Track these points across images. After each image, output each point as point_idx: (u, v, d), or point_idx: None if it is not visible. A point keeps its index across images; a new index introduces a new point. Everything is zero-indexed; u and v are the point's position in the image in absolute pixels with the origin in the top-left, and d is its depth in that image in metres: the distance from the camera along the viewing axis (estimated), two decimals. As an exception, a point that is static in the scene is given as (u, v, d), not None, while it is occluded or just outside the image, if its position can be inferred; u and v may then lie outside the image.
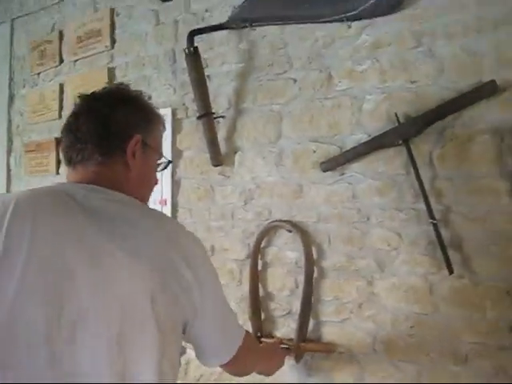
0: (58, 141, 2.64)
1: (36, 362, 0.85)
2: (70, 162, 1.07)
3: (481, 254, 1.37)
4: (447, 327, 1.42)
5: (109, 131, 1.04)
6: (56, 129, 2.67)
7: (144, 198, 1.14)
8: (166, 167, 1.22)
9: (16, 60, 3.02)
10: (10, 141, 3.01)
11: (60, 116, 2.66)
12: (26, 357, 0.85)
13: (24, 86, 2.94)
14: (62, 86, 2.66)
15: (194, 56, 1.83)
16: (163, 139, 1.21)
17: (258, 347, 1.44)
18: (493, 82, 1.34)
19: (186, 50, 1.84)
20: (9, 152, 3.02)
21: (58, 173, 2.66)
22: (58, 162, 2.65)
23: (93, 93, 1.12)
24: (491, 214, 1.35)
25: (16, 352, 0.86)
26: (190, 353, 1.93)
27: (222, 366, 1.17)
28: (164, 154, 1.19)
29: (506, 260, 1.33)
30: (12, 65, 3.04)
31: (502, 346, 1.33)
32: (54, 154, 2.65)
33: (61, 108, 2.66)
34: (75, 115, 1.08)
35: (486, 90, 1.35)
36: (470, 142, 1.39)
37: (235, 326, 1.16)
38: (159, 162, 1.18)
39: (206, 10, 2.00)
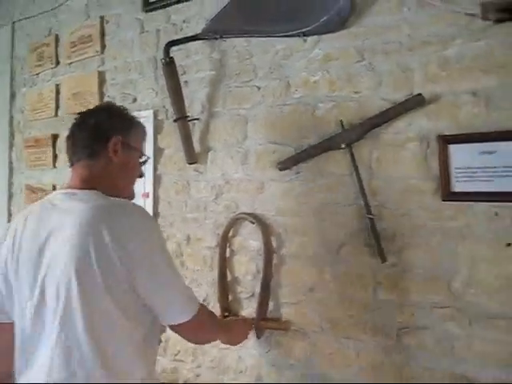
0: (54, 137, 2.86)
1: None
2: (70, 163, 1.41)
3: (408, 245, 1.57)
4: (381, 308, 1.62)
5: (94, 136, 1.38)
6: (53, 126, 2.89)
7: (127, 186, 1.47)
8: (145, 162, 1.53)
9: (17, 60, 3.23)
10: (11, 136, 3.23)
11: (56, 114, 2.87)
12: None
13: (24, 85, 3.15)
14: (58, 87, 2.87)
15: (170, 66, 2.03)
16: (146, 141, 1.56)
17: (216, 320, 1.63)
18: (420, 95, 1.53)
19: (163, 60, 2.03)
20: (10, 147, 3.24)
21: (54, 166, 2.87)
22: (55, 157, 2.87)
23: (86, 110, 1.49)
24: (417, 210, 1.55)
25: None
26: (169, 331, 2.17)
27: (178, 333, 1.38)
28: (145, 153, 1.53)
29: (429, 251, 1.53)
30: (13, 65, 3.25)
31: (425, 324, 1.53)
32: (50, 149, 2.86)
33: (57, 107, 2.87)
34: (72, 126, 1.43)
35: (414, 102, 1.55)
36: (402, 148, 1.59)
37: (183, 297, 1.32)
38: (142, 159, 1.51)
39: (184, 21, 2.20)
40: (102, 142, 1.37)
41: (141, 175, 1.53)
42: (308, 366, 1.79)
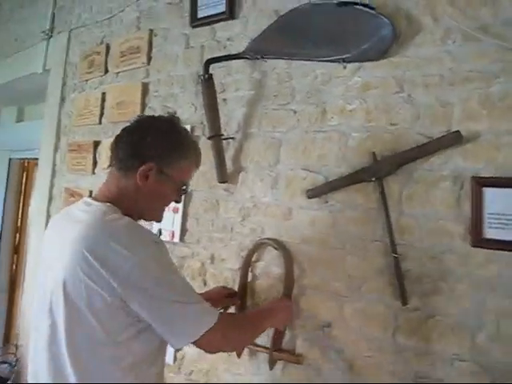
0: (95, 144, 2.90)
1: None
2: (109, 165, 1.44)
3: (434, 290, 1.48)
4: (400, 354, 1.53)
5: (130, 153, 1.35)
6: (95, 133, 2.93)
7: (151, 211, 1.44)
8: (185, 193, 1.50)
9: (69, 66, 3.31)
10: (57, 139, 3.30)
11: (100, 122, 2.91)
12: None
13: (74, 91, 3.22)
14: (104, 95, 2.91)
15: (208, 82, 2.02)
16: (197, 168, 1.53)
17: (240, 320, 1.56)
18: (458, 132, 1.45)
19: (202, 77, 2.02)
20: (56, 149, 3.31)
21: (93, 172, 2.91)
22: (95, 163, 2.90)
23: (146, 116, 1.51)
24: (445, 254, 1.47)
25: None
26: (186, 349, 2.14)
27: (200, 347, 1.33)
28: (189, 181, 1.52)
29: (454, 299, 1.44)
30: (66, 70, 3.33)
31: (443, 377, 1.44)
32: (91, 156, 2.90)
33: (101, 114, 2.91)
34: (123, 130, 1.42)
35: (451, 139, 1.47)
36: (434, 186, 1.51)
37: (188, 321, 1.26)
38: (182, 188, 1.46)
39: (228, 39, 2.19)
40: (136, 163, 1.34)
41: (177, 201, 1.50)
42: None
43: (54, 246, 1.30)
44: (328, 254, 1.74)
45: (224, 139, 2.07)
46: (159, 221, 1.50)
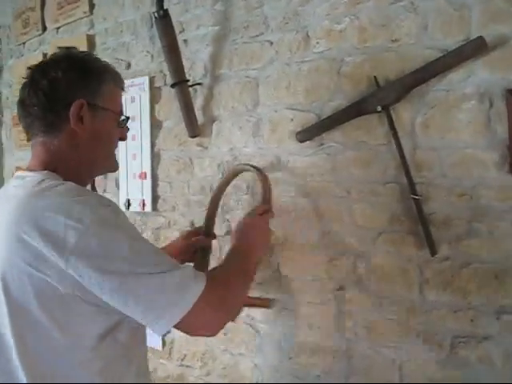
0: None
1: None
2: (27, 138, 1.11)
3: (467, 232, 1.23)
4: (431, 312, 1.29)
5: (49, 102, 1.04)
6: (41, 100, 2.58)
7: (105, 158, 1.16)
8: (126, 123, 1.21)
9: (1, 30, 2.92)
10: (0, 114, 2.93)
11: (45, 87, 2.56)
12: None
13: (11, 57, 2.85)
14: (45, 56, 2.54)
15: (163, 20, 1.69)
16: (124, 91, 1.22)
17: (227, 277, 1.11)
18: (480, 38, 1.17)
19: (155, 14, 1.69)
20: (0, 125, 2.95)
21: (45, 146, 2.57)
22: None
23: (40, 62, 1.12)
24: (477, 188, 1.21)
25: None
26: (174, 332, 1.87)
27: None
28: (123, 107, 1.21)
29: (494, 240, 1.19)
30: (-2, 35, 2.95)
31: (488, 334, 1.20)
32: (39, 127, 2.56)
33: (45, 78, 2.55)
34: (23, 87, 1.08)
35: (472, 49, 1.19)
36: (455, 109, 1.24)
37: (168, 287, 0.94)
38: (121, 119, 1.18)
39: (181, -31, 1.85)
40: (61, 110, 1.04)
41: (122, 139, 1.21)
42: (338, 378, 1.47)
43: None
44: (330, 206, 1.47)
45: (190, 86, 1.76)
46: (115, 169, 1.22)
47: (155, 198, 1.97)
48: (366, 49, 1.39)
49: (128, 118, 1.22)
